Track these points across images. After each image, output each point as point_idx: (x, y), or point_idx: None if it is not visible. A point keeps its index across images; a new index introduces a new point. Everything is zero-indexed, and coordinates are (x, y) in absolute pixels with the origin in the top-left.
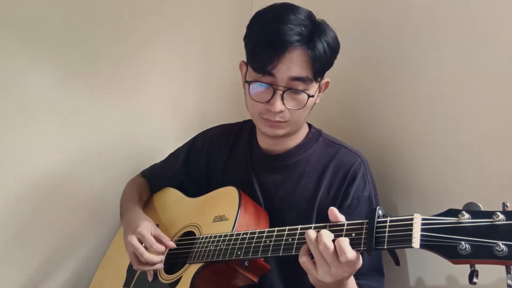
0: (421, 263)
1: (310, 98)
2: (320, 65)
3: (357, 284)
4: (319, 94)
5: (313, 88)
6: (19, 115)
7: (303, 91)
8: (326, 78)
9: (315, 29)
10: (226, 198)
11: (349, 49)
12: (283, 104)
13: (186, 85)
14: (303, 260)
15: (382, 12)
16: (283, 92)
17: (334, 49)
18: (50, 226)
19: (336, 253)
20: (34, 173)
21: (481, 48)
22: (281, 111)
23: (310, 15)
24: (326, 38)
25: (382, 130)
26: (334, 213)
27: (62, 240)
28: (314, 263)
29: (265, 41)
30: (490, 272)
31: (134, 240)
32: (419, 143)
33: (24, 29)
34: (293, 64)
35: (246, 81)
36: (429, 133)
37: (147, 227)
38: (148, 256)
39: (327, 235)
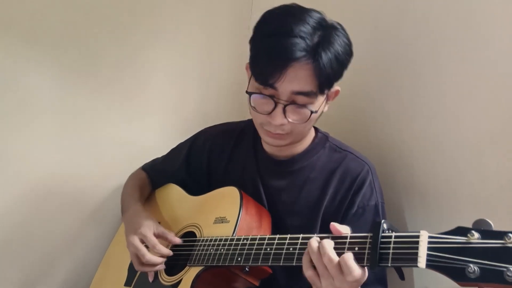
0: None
1: (313, 114)
2: (326, 78)
3: None
4: (327, 103)
5: (318, 101)
6: (19, 115)
7: (305, 106)
8: (336, 87)
9: (324, 39)
10: (227, 199)
11: None
12: (285, 117)
13: (186, 85)
14: (309, 274)
15: (382, 12)
16: (285, 106)
17: (342, 61)
18: (50, 226)
19: (339, 266)
20: (34, 173)
21: (481, 48)
22: (282, 124)
23: (320, 22)
24: (335, 49)
25: (382, 130)
26: (336, 228)
27: (62, 240)
28: (318, 274)
29: (267, 53)
30: None
31: (136, 241)
32: (419, 143)
33: (24, 29)
34: (297, 78)
35: (247, 92)
36: (429, 133)
37: (149, 227)
38: (150, 257)
39: (329, 246)
